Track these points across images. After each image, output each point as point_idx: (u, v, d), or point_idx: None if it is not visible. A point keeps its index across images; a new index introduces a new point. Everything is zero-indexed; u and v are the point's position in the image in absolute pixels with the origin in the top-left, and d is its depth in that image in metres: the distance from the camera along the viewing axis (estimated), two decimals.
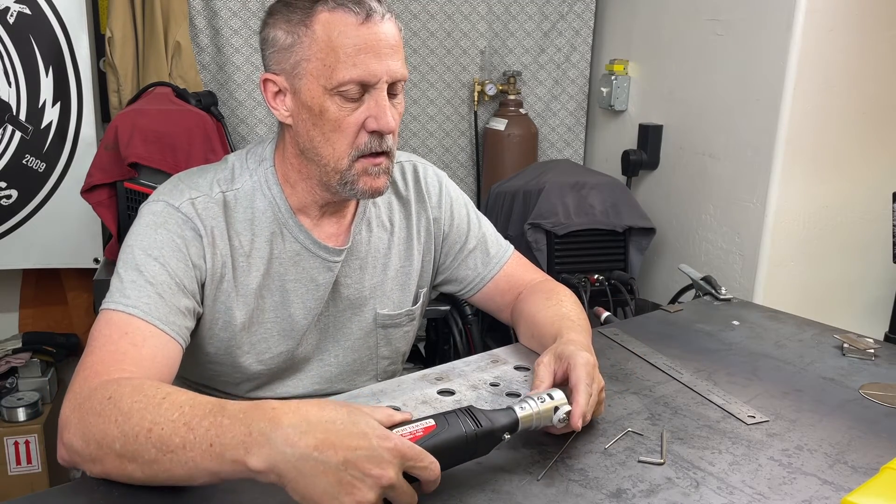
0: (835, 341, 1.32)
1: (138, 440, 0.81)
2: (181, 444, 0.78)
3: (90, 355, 0.95)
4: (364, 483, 0.72)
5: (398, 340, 1.31)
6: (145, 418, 0.81)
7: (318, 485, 0.72)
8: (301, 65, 1.06)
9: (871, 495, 0.79)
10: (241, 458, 0.75)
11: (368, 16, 1.04)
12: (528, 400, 0.91)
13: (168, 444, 0.79)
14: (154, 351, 0.98)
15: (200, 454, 0.77)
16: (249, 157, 1.18)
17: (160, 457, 0.79)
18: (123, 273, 1.03)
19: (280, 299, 1.17)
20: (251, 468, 0.74)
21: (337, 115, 1.06)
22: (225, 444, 0.76)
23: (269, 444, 0.74)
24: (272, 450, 0.73)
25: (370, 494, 0.72)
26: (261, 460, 0.74)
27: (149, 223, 1.08)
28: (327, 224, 1.19)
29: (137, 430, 0.81)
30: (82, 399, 0.88)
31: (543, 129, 2.96)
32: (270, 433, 0.74)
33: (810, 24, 2.11)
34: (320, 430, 0.74)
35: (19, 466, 2.29)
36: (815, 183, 2.26)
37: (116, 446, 0.82)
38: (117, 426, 0.82)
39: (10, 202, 2.31)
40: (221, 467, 0.77)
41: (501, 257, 1.35)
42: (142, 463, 0.81)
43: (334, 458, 0.72)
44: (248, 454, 0.74)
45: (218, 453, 0.76)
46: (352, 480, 0.72)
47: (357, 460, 0.72)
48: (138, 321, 0.99)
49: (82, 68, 2.29)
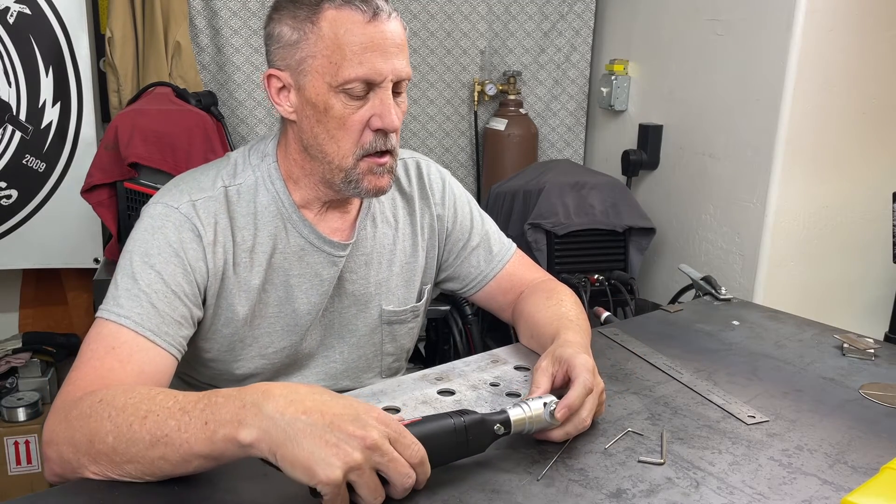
0: (835, 341, 1.32)
1: (132, 429, 0.81)
2: (176, 426, 0.79)
3: (75, 370, 0.96)
4: (349, 444, 0.74)
5: (403, 337, 1.31)
6: (140, 409, 0.83)
7: (306, 447, 0.74)
8: (306, 61, 1.06)
9: (871, 495, 0.79)
10: (234, 434, 0.76)
11: (375, 14, 1.04)
12: (521, 403, 0.91)
13: (163, 429, 0.80)
14: (141, 366, 0.97)
15: (195, 434, 0.78)
16: (252, 153, 1.18)
17: (154, 443, 0.80)
18: (120, 280, 1.03)
19: (284, 294, 1.17)
20: (242, 442, 0.76)
21: (342, 112, 1.06)
22: (219, 421, 0.78)
23: (261, 414, 0.76)
24: (263, 418, 0.76)
25: (356, 454, 0.74)
26: (252, 431, 0.76)
27: (147, 227, 1.08)
28: (331, 218, 1.19)
29: (132, 419, 0.82)
30: (67, 410, 0.88)
31: (543, 129, 2.96)
32: (262, 403, 0.77)
33: (810, 24, 2.11)
34: (308, 399, 0.77)
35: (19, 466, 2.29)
36: (815, 183, 2.26)
37: (109, 440, 0.82)
38: (110, 420, 0.83)
39: (10, 202, 2.31)
40: (214, 447, 0.78)
41: (504, 256, 1.35)
42: (136, 452, 0.81)
43: (321, 421, 0.75)
44: (241, 427, 0.76)
45: (212, 431, 0.78)
46: (337, 441, 0.74)
47: (342, 423, 0.75)
48: (128, 333, 0.99)
49: (82, 68, 2.29)
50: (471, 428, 0.85)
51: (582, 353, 1.00)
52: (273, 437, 0.75)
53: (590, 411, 0.95)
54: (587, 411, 0.94)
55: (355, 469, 0.74)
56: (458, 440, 0.84)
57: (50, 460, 0.88)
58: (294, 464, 0.74)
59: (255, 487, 0.83)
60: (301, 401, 0.77)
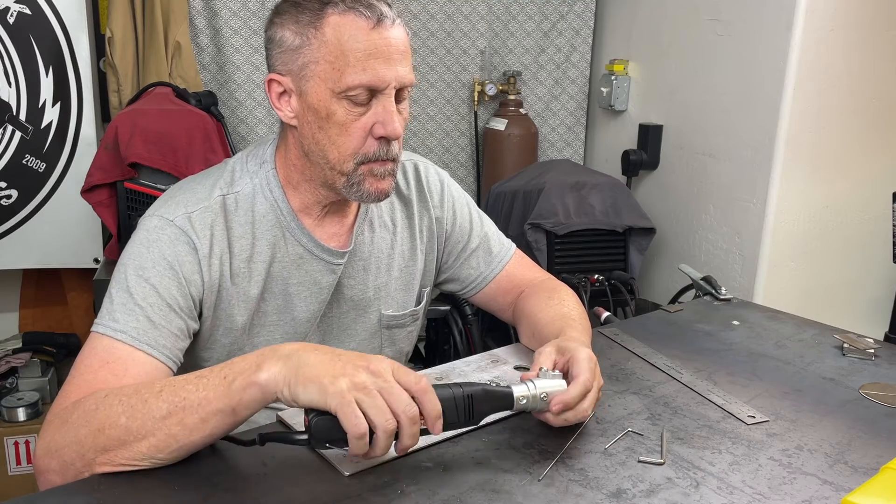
0: (835, 341, 1.32)
1: (147, 403, 0.85)
2: (193, 389, 0.84)
3: (69, 384, 0.96)
4: (355, 366, 0.82)
5: (402, 341, 1.31)
6: (154, 386, 0.87)
7: (316, 367, 0.81)
8: (309, 67, 1.05)
9: (871, 495, 0.79)
10: (252, 377, 0.82)
11: (379, 20, 1.04)
12: (527, 382, 0.93)
13: (180, 394, 0.84)
14: (136, 379, 0.97)
15: (213, 390, 0.83)
16: (249, 159, 1.17)
17: (172, 411, 0.83)
18: (115, 294, 1.03)
19: (283, 302, 1.17)
20: (259, 381, 0.82)
21: (344, 118, 1.06)
22: (237, 371, 0.84)
23: (276, 355, 0.84)
24: (279, 358, 0.83)
25: (361, 374, 0.81)
26: (269, 369, 0.82)
27: (142, 240, 1.07)
28: (329, 224, 1.19)
29: (147, 395, 0.86)
30: (66, 417, 0.89)
31: (543, 129, 2.96)
32: (277, 349, 0.85)
33: (810, 24, 2.11)
34: (321, 346, 0.87)
35: (19, 466, 2.29)
36: (815, 183, 2.26)
37: (122, 420, 0.84)
38: (121, 404, 0.86)
39: (10, 202, 2.31)
40: (233, 396, 0.82)
41: (504, 256, 1.35)
42: (151, 426, 0.83)
43: (330, 353, 0.84)
44: (259, 369, 0.83)
45: (230, 381, 0.83)
46: (343, 365, 0.82)
47: (350, 355, 0.84)
48: (124, 348, 0.98)
49: (82, 68, 2.29)
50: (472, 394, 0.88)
51: (585, 348, 1.00)
52: (288, 370, 0.82)
53: (591, 402, 0.95)
54: (589, 402, 0.95)
55: (360, 387, 0.80)
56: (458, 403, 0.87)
57: (49, 471, 0.88)
58: (306, 383, 0.80)
59: (256, 487, 0.83)
60: (313, 347, 0.85)
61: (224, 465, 0.86)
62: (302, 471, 0.87)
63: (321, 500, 0.81)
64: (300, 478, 0.85)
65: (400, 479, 0.84)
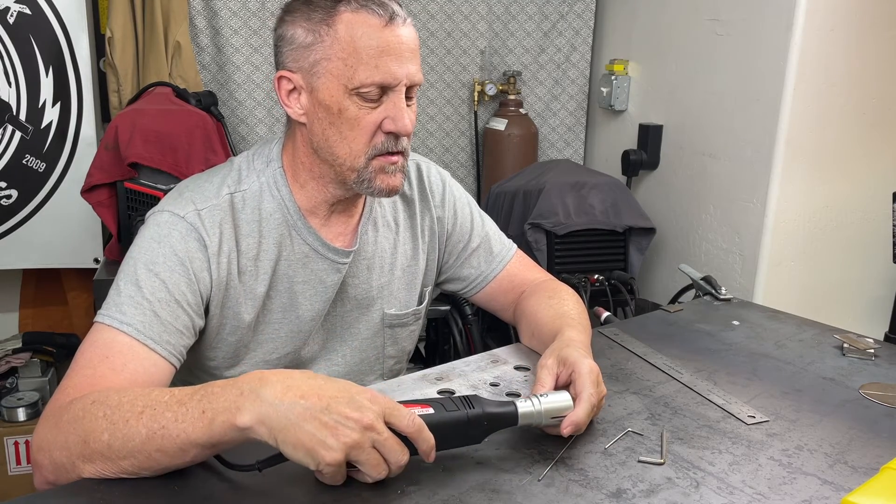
0: (835, 341, 1.32)
1: (129, 424, 0.82)
2: (173, 418, 0.81)
3: (68, 378, 0.95)
4: (345, 426, 0.77)
5: (404, 340, 1.31)
6: (136, 405, 0.84)
7: (305, 429, 0.77)
8: (321, 63, 1.05)
9: (871, 495, 0.79)
10: (232, 419, 0.78)
11: (391, 19, 1.04)
12: (532, 397, 0.92)
13: (160, 421, 0.81)
14: (134, 375, 0.96)
15: (192, 423, 0.80)
16: (256, 158, 1.17)
17: (151, 436, 0.81)
18: (123, 286, 1.03)
19: (288, 301, 1.17)
20: (240, 426, 0.78)
21: (356, 114, 1.06)
22: (216, 409, 0.79)
23: (259, 399, 0.78)
24: (262, 404, 0.78)
25: (353, 434, 0.77)
26: (251, 415, 0.78)
27: (153, 235, 1.07)
28: (336, 223, 1.19)
29: (128, 415, 0.83)
30: (58, 416, 0.89)
31: (543, 129, 2.96)
32: (259, 390, 0.79)
33: (810, 24, 2.11)
34: (304, 384, 0.80)
35: (19, 466, 2.29)
36: (815, 183, 2.26)
37: (105, 437, 0.82)
38: (105, 419, 0.84)
39: (10, 202, 2.31)
40: (213, 434, 0.79)
41: (504, 256, 1.35)
42: (132, 447, 0.81)
43: (318, 404, 0.78)
44: (239, 412, 0.78)
45: (209, 419, 0.79)
46: (335, 424, 0.77)
47: (338, 405, 0.78)
48: (126, 340, 0.98)
49: (82, 68, 2.29)
50: (473, 418, 0.86)
51: (587, 359, 1.00)
52: (273, 422, 0.77)
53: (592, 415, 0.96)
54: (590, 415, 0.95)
55: (355, 448, 0.77)
56: (459, 427, 0.86)
57: (41, 467, 0.88)
58: (296, 446, 0.77)
59: (256, 488, 0.83)
60: (297, 386, 0.79)
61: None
62: (302, 470, 0.86)
63: (321, 499, 0.82)
64: (300, 477, 0.85)
65: (400, 479, 0.84)
